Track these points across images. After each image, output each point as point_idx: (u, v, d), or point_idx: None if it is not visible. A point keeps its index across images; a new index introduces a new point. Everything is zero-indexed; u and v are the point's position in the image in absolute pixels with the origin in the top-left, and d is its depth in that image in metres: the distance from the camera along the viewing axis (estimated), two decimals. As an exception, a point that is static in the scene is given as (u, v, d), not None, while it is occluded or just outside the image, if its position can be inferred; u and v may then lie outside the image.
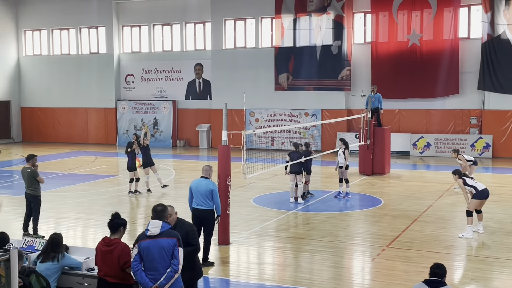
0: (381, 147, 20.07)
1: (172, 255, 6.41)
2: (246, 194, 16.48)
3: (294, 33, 28.03)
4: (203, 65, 30.56)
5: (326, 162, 23.35)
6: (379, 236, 11.92)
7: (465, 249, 11.12)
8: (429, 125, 26.12)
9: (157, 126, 30.94)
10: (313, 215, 13.94)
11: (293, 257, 10.77)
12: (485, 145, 24.63)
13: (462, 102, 25.56)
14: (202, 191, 9.88)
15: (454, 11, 25.12)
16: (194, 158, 26.02)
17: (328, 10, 27.26)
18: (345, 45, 27.10)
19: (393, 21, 26.21)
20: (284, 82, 28.49)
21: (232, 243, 11.32)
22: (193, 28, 30.80)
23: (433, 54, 25.59)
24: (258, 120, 28.95)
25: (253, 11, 28.82)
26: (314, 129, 27.80)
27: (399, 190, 17.30)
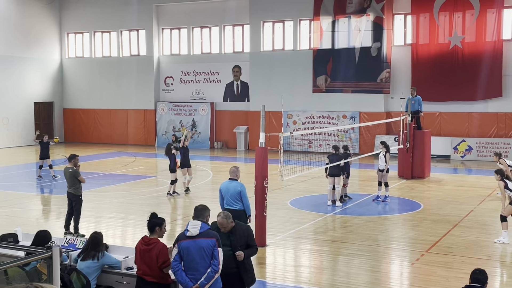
0: (421, 150, 19.75)
1: (212, 255, 6.45)
2: (283, 196, 16.46)
3: (332, 35, 27.86)
4: (241, 67, 30.68)
5: (364, 165, 23.12)
6: (418, 240, 11.73)
7: (507, 256, 10.83)
8: (471, 128, 25.58)
9: (195, 128, 31.19)
10: (351, 219, 13.82)
11: (330, 260, 10.69)
12: (529, 150, 23.95)
13: (506, 105, 24.93)
14: (231, 192, 10.10)
15: (497, 12, 24.54)
16: (231, 160, 26.12)
17: (368, 12, 27.01)
18: (384, 47, 26.79)
19: (434, 23, 25.78)
20: (322, 84, 28.35)
21: (269, 245, 11.31)
22: (231, 30, 30.96)
23: (475, 56, 25.05)
24: (296, 122, 28.87)
25: (291, 13, 28.78)
26: (352, 131, 27.56)
27: (439, 194, 16.98)
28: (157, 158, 27.29)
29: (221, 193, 10.27)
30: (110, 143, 32.59)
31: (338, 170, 15.05)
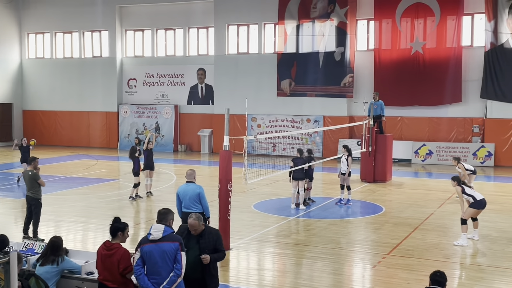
0: (383, 154, 20.04)
1: (174, 259, 6.39)
2: (247, 199, 16.45)
3: (297, 39, 28.06)
4: (205, 70, 30.60)
5: (327, 169, 23.33)
6: (380, 243, 11.88)
7: (466, 257, 11.08)
8: (431, 133, 26.10)
9: (158, 131, 30.93)
10: (314, 222, 13.90)
11: (293, 263, 10.73)
12: (487, 154, 24.58)
13: (465, 110, 25.53)
14: (190, 195, 10.07)
15: (457, 19, 25.13)
16: (195, 163, 25.99)
17: (332, 17, 27.30)
18: (348, 52, 27.12)
19: (396, 29, 26.23)
20: (287, 88, 28.50)
21: (233, 249, 11.28)
22: (196, 33, 30.85)
23: (436, 62, 25.59)
24: (260, 125, 28.94)
25: (256, 17, 28.87)
26: (316, 135, 27.79)
27: (401, 197, 17.25)
28: (119, 161, 26.95)
29: (179, 197, 10.19)
30: (72, 146, 32.05)
31: (302, 173, 15.14)
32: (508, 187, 19.36)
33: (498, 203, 15.76)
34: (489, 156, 24.53)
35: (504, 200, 16.38)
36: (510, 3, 24.18)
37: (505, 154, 24.54)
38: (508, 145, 24.48)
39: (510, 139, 24.48)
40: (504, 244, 11.72)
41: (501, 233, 12.60)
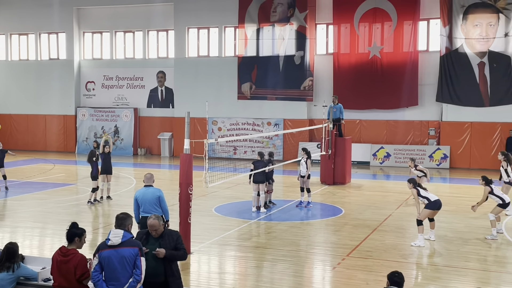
0: (342, 157, 20.29)
1: (134, 264, 6.32)
2: (208, 203, 16.40)
3: (257, 43, 28.17)
4: (165, 73, 30.40)
5: (288, 172, 23.47)
6: (340, 245, 12.02)
7: (423, 258, 11.31)
8: (389, 136, 26.57)
9: (118, 134, 30.54)
10: (274, 224, 13.96)
11: (254, 266, 10.75)
12: (442, 156, 25.18)
13: (421, 113, 26.10)
14: (149, 199, 9.96)
15: (413, 24, 25.69)
16: (155, 167, 25.76)
17: (291, 21, 27.52)
18: (307, 55, 27.38)
19: (354, 33, 26.62)
20: (247, 91, 28.57)
21: (193, 253, 11.23)
22: (156, 35, 30.62)
23: (393, 66, 26.08)
24: (221, 129, 28.90)
25: (216, 20, 28.85)
26: (277, 138, 27.93)
27: (360, 199, 17.49)
28: (77, 165, 26.46)
29: (137, 201, 10.07)
30: (28, 150, 31.29)
31: (262, 176, 15.19)
32: (463, 189, 19.86)
33: (453, 204, 16.15)
34: (445, 158, 25.13)
35: (459, 202, 16.80)
36: (464, 9, 24.86)
37: (460, 156, 25.18)
38: (463, 148, 25.13)
39: (465, 142, 25.15)
40: (459, 244, 12.02)
41: (456, 234, 12.92)
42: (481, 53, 24.76)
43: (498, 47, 24.48)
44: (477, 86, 24.93)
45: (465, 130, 25.16)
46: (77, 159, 28.57)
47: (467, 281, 9.64)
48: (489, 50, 24.62)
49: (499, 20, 24.38)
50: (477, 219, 13.96)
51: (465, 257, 11.09)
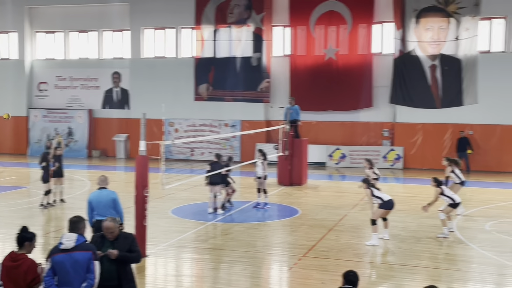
0: (299, 158, 20.45)
1: (87, 269, 6.21)
2: (164, 205, 16.26)
3: (214, 44, 28.12)
4: (121, 74, 29.99)
5: (245, 173, 23.49)
6: (296, 245, 12.11)
7: (377, 257, 11.52)
8: (345, 137, 26.94)
9: (71, 136, 29.95)
10: (232, 226, 13.96)
11: (211, 268, 10.72)
12: (396, 157, 25.69)
13: (376, 115, 26.58)
14: (104, 201, 9.81)
15: (368, 27, 26.14)
16: (111, 169, 25.37)
17: (248, 23, 27.59)
18: (264, 57, 27.49)
19: (310, 35, 26.90)
20: (204, 92, 28.48)
21: (149, 256, 11.11)
22: (110, 36, 30.18)
23: (349, 68, 26.47)
24: (178, 130, 28.71)
25: (172, 21, 28.66)
26: (234, 140, 27.93)
27: (316, 200, 17.67)
28: (29, 168, 25.80)
29: (91, 204, 9.88)
30: (-23, 152, 30.33)
31: (218, 178, 15.17)
32: (416, 188, 20.30)
33: (406, 204, 16.50)
34: (398, 159, 25.65)
35: (412, 201, 17.17)
36: (416, 12, 25.45)
37: (413, 157, 25.75)
38: (415, 148, 25.70)
39: (417, 142, 25.73)
40: (412, 243, 12.29)
41: (409, 233, 13.20)
42: (433, 56, 25.41)
43: (449, 50, 25.16)
44: (429, 88, 25.56)
45: (417, 131, 25.75)
46: (29, 161, 27.86)
47: (419, 279, 9.86)
48: (441, 53, 25.28)
49: (450, 24, 25.06)
50: (429, 218, 14.29)
51: (417, 256, 11.34)
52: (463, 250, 11.85)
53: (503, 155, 24.68)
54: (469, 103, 25.01)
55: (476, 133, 24.85)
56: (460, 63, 25.01)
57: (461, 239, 12.66)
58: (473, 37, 24.73)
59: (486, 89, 24.70)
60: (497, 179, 22.45)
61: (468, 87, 25.00)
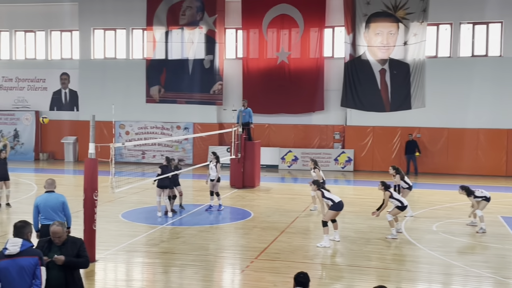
0: (251, 160, 20.48)
1: (33, 275, 6.03)
2: (114, 209, 15.98)
3: (166, 46, 27.88)
4: (69, 75, 29.35)
5: (198, 176, 23.37)
6: (249, 248, 12.11)
7: (328, 258, 11.64)
8: (297, 139, 27.17)
9: (17, 138, 29.08)
10: (183, 229, 13.84)
11: (162, 272, 10.59)
12: (347, 159, 26.08)
13: (327, 118, 26.92)
14: (52, 205, 9.55)
15: (319, 31, 26.47)
16: (59, 172, 24.77)
17: (200, 25, 27.48)
18: (217, 59, 27.44)
19: (263, 38, 27.02)
20: (156, 94, 28.18)
21: (99, 260, 10.88)
22: (59, 36, 29.51)
23: (300, 71, 26.72)
24: (129, 132, 28.30)
25: (123, 22, 28.26)
26: (186, 142, 27.74)
27: (268, 202, 17.73)
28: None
29: (38, 208, 9.59)
30: None
31: (168, 181, 15.04)
32: (366, 190, 20.65)
33: (357, 205, 16.76)
34: (349, 161, 26.04)
35: (362, 203, 17.46)
36: (366, 17, 25.93)
37: (363, 159, 26.20)
38: (366, 151, 26.17)
39: (368, 145, 26.20)
40: (362, 244, 12.48)
41: (359, 234, 13.40)
42: (382, 60, 25.95)
43: (398, 55, 25.74)
44: (379, 92, 26.08)
45: (367, 134, 26.22)
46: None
47: (369, 280, 10.01)
48: (390, 58, 25.84)
49: (398, 29, 25.65)
50: (378, 220, 14.54)
51: (367, 256, 11.53)
52: (411, 250, 12.12)
53: (450, 157, 25.43)
54: (417, 107, 25.67)
55: (424, 136, 25.51)
56: (409, 67, 25.64)
57: (409, 239, 12.94)
58: (421, 42, 25.40)
59: (433, 93, 25.41)
60: (444, 181, 23.09)
61: (416, 91, 25.65)
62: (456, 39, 25.43)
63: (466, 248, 12.48)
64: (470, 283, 10.02)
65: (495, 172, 24.75)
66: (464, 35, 25.50)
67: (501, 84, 24.84)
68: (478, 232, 13.50)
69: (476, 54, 25.44)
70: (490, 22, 25.17)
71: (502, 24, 24.99)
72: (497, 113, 24.85)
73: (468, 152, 25.18)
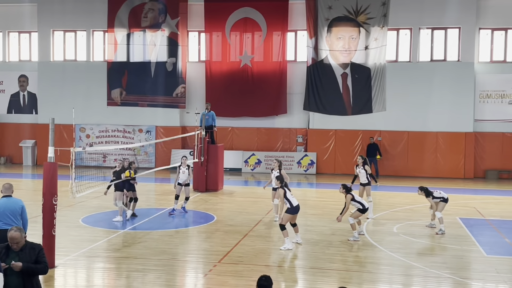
0: (214, 164, 20.41)
1: None
2: (75, 213, 15.70)
3: (128, 48, 27.58)
4: (28, 77, 28.72)
5: (160, 179, 23.17)
6: (212, 252, 12.06)
7: (290, 261, 11.68)
8: (260, 143, 27.24)
9: (-26, 142, 28.29)
10: (146, 234, 13.69)
11: (124, 277, 10.44)
12: (310, 162, 26.27)
13: (290, 121, 27.07)
14: (11, 209, 9.33)
15: (282, 35, 26.61)
16: (17, 176, 24.18)
17: (163, 27, 27.29)
18: (179, 62, 27.28)
19: (226, 42, 27.00)
20: (117, 97, 27.83)
21: (58, 266, 10.67)
22: (17, 37, 28.86)
23: (263, 75, 26.81)
24: (89, 136, 27.86)
25: (84, 23, 27.84)
26: (149, 145, 27.47)
27: (231, 206, 17.71)
28: None
29: None
30: None
31: (122, 184, 14.89)
32: (328, 193, 20.83)
33: (319, 208, 16.89)
34: (312, 164, 26.23)
35: (325, 205, 17.60)
36: (328, 22, 26.21)
37: (326, 162, 26.44)
38: (328, 154, 26.40)
39: (330, 148, 26.45)
40: (324, 247, 12.58)
41: (322, 236, 13.50)
42: (344, 65, 26.26)
43: (359, 59, 26.09)
44: (341, 96, 26.37)
45: (330, 138, 26.47)
46: None
47: (331, 282, 10.10)
48: (351, 62, 26.17)
49: (360, 34, 26.01)
50: (340, 223, 14.68)
51: (330, 259, 11.62)
52: (372, 252, 12.27)
53: (410, 160, 25.89)
54: (378, 110, 26.06)
55: (385, 139, 25.92)
56: (370, 71, 26.01)
57: (370, 241, 13.11)
58: (382, 46, 25.82)
59: (393, 97, 25.84)
60: (404, 183, 23.49)
61: (377, 95, 26.05)
62: (415, 44, 25.94)
63: (425, 250, 12.72)
64: (430, 284, 10.21)
65: (453, 174, 25.33)
66: (423, 40, 26.04)
67: (459, 88, 25.44)
68: (437, 233, 13.79)
69: (435, 59, 26.01)
70: (448, 28, 25.77)
71: (459, 30, 25.61)
72: (455, 116, 25.44)
73: (427, 155, 25.70)
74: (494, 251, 12.38)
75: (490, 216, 16.38)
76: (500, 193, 21.22)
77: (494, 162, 25.67)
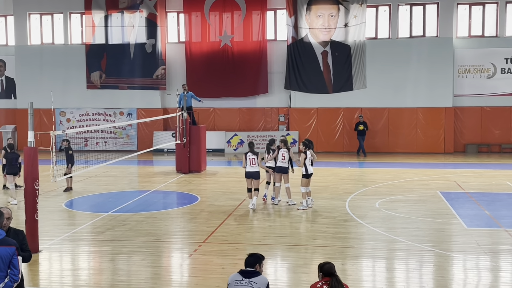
0: (197, 145, 20.40)
1: (10, 264, 5.98)
2: (57, 198, 15.63)
3: (106, 30, 27.25)
4: (5, 62, 28.31)
5: (142, 162, 23.10)
6: (196, 232, 12.12)
7: (275, 239, 11.79)
8: (242, 123, 27.24)
9: (-48, 129, 27.89)
10: (130, 216, 13.69)
11: (109, 260, 10.45)
12: (292, 141, 26.35)
13: (271, 100, 27.08)
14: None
15: (261, 14, 26.48)
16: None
17: (141, 8, 26.98)
18: (159, 44, 27.05)
19: (205, 22, 26.81)
20: (97, 80, 27.56)
21: (42, 251, 10.65)
22: (-8, 21, 28.37)
23: (244, 54, 26.71)
24: (70, 120, 27.62)
25: (60, 6, 27.42)
26: (130, 128, 27.33)
27: (215, 186, 17.76)
28: None
29: None
30: None
31: (15, 168, 14.86)
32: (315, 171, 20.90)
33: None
34: (294, 143, 26.31)
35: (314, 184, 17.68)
36: (308, 0, 26.12)
37: (308, 141, 26.50)
38: (310, 132, 26.51)
39: (312, 127, 26.55)
40: (308, 223, 12.70)
41: (304, 213, 13.62)
42: (324, 43, 26.25)
43: (339, 37, 26.10)
44: (321, 74, 26.41)
45: (311, 116, 26.56)
46: None
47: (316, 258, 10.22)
48: (331, 40, 26.17)
49: (339, 12, 25.97)
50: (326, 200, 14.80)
51: (313, 235, 11.75)
52: (355, 228, 12.43)
53: (390, 136, 26.11)
54: (359, 88, 26.17)
55: (366, 116, 26.06)
56: (350, 49, 26.05)
57: (353, 217, 13.27)
58: (361, 24, 25.83)
59: (374, 74, 25.95)
60: (385, 159, 23.72)
61: (357, 72, 26.13)
62: (394, 20, 26.00)
63: (407, 224, 12.90)
64: (412, 257, 10.39)
65: (434, 149, 25.63)
66: (402, 16, 26.10)
67: (438, 63, 25.62)
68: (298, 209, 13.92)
69: (414, 35, 26.11)
70: (426, 3, 25.84)
71: (437, 5, 25.70)
72: (434, 92, 25.65)
73: (408, 131, 25.93)
74: (474, 224, 12.61)
75: (470, 189, 16.65)
76: (480, 167, 21.55)
77: (474, 136, 26.01)
